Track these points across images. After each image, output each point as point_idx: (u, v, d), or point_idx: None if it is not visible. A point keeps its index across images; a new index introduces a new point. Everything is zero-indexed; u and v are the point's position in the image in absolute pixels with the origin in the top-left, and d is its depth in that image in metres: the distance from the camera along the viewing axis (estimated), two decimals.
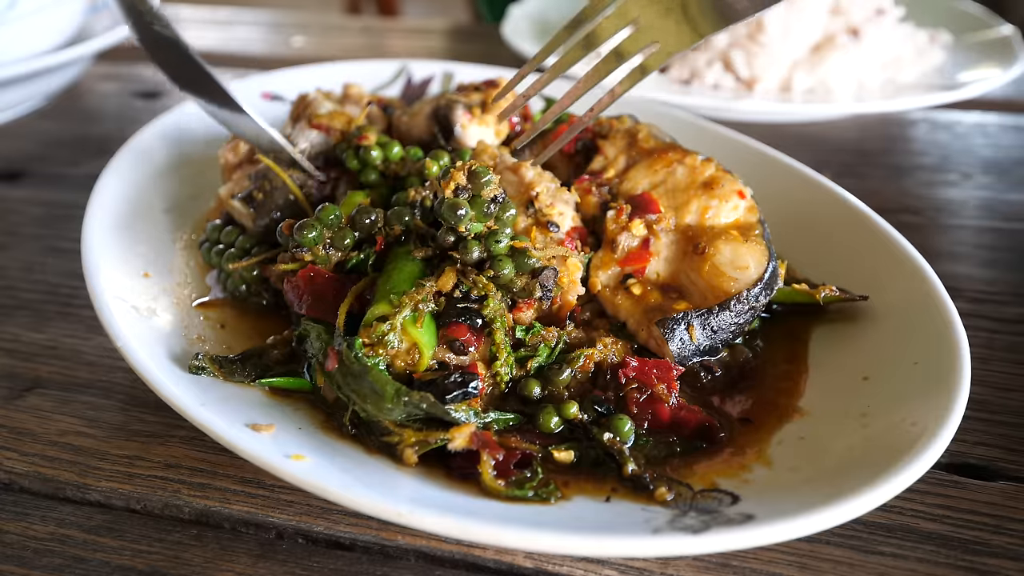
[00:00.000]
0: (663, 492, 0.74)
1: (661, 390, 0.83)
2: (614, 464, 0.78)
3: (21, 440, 0.91)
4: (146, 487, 0.84)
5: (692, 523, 0.68)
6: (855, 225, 1.04)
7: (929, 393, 0.78)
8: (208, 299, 1.01)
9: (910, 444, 0.71)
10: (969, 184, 1.48)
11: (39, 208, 1.38)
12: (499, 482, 0.75)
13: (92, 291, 0.88)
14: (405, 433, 0.78)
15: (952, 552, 0.78)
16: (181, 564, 0.77)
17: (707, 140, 1.24)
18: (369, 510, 0.66)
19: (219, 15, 2.46)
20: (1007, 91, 1.86)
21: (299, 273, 0.91)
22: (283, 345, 0.91)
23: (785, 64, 1.74)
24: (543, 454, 0.79)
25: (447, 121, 1.09)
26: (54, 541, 0.79)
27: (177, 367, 0.84)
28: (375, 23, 2.59)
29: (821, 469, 0.75)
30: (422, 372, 0.81)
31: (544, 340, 0.87)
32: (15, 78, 1.53)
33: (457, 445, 0.76)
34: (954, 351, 0.81)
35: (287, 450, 0.72)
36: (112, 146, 1.18)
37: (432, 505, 0.68)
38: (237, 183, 1.07)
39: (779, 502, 0.70)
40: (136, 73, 1.97)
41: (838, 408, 0.83)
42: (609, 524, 0.71)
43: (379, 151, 1.04)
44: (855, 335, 0.92)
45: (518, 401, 0.85)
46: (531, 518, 0.70)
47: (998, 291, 1.17)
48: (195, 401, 0.76)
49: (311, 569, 0.77)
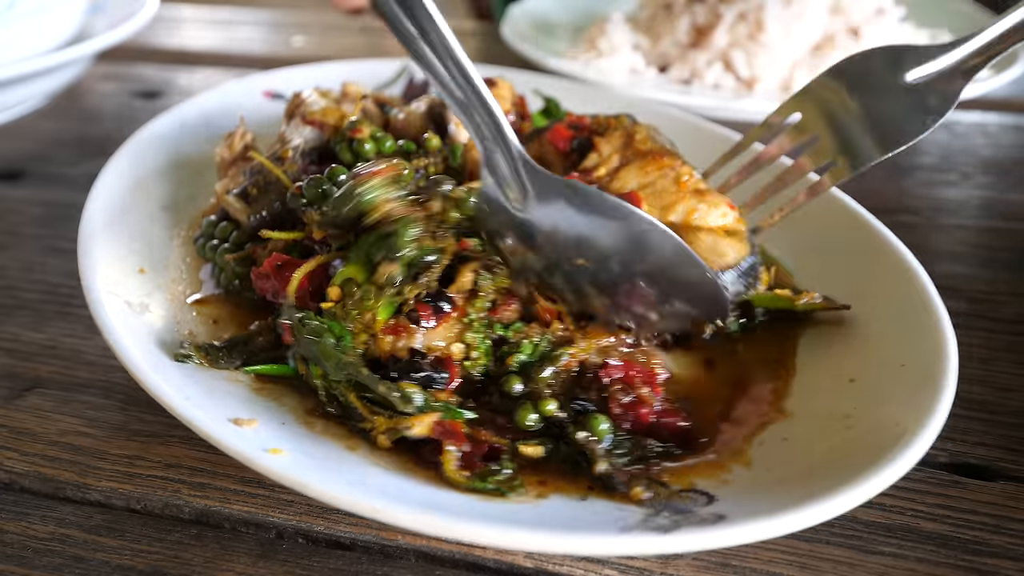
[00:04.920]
0: (639, 492, 0.74)
1: (644, 393, 0.83)
2: (586, 463, 0.78)
3: (21, 440, 0.91)
4: (146, 487, 0.84)
5: (663, 523, 0.68)
6: (848, 225, 1.03)
7: (914, 395, 0.77)
8: (202, 295, 1.01)
9: (890, 446, 0.71)
10: (969, 184, 1.48)
11: (39, 208, 1.38)
12: (462, 473, 0.75)
13: (85, 285, 0.89)
14: (377, 420, 0.79)
15: (952, 552, 0.78)
16: (181, 564, 0.77)
17: (704, 140, 1.25)
18: (345, 505, 0.66)
19: (219, 15, 2.46)
20: (1007, 91, 1.86)
21: (265, 263, 0.92)
22: (268, 332, 0.92)
23: (785, 64, 1.74)
24: (512, 448, 0.79)
25: (442, 120, 1.11)
26: (54, 541, 0.79)
27: (165, 361, 0.84)
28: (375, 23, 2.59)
29: (799, 470, 0.75)
30: (394, 351, 0.83)
31: (528, 337, 0.87)
32: (15, 78, 1.53)
33: (416, 433, 0.77)
34: (941, 353, 0.80)
35: (267, 444, 0.73)
36: (112, 146, 1.18)
37: (406, 501, 0.67)
38: (232, 179, 1.08)
39: (753, 503, 0.70)
40: (136, 73, 1.97)
41: (822, 410, 0.83)
42: (580, 522, 0.71)
43: (373, 144, 1.05)
44: (844, 337, 0.92)
45: (499, 396, 0.85)
46: (503, 515, 0.70)
47: (998, 291, 1.17)
48: (180, 395, 0.76)
49: (311, 569, 0.77)
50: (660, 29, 1.90)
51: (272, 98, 1.39)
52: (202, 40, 2.27)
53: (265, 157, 1.07)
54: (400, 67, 1.49)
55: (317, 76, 1.42)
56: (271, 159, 1.07)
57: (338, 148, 1.07)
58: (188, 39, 2.29)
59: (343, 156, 1.06)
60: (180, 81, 1.93)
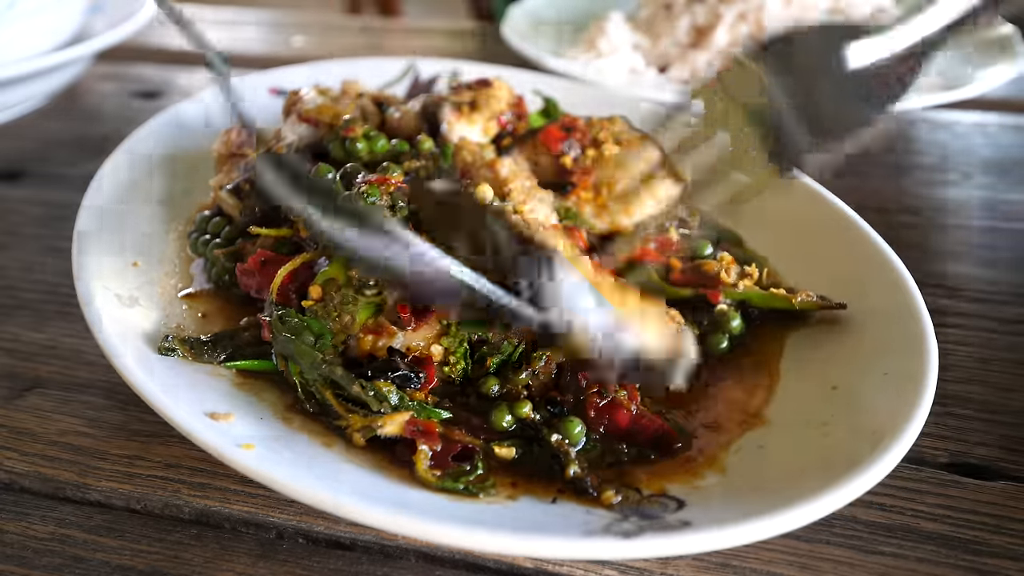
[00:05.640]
0: (609, 496, 0.74)
1: (622, 396, 0.83)
2: (558, 465, 0.78)
3: (21, 440, 0.91)
4: (146, 487, 0.84)
5: (628, 528, 0.67)
6: (839, 230, 1.03)
7: (893, 405, 0.76)
8: (193, 289, 1.01)
9: (865, 455, 0.70)
10: (969, 184, 1.48)
11: (39, 208, 1.38)
12: (433, 473, 0.75)
13: (76, 277, 0.89)
14: (352, 418, 0.80)
15: (952, 552, 0.78)
16: (181, 564, 0.77)
17: None
18: (310, 500, 0.66)
19: (220, 15, 2.46)
20: (1007, 91, 1.86)
21: (249, 260, 0.93)
22: (255, 328, 0.92)
23: None
24: (485, 449, 0.79)
25: (435, 119, 1.12)
26: (54, 541, 0.79)
27: (149, 354, 0.84)
28: (375, 23, 2.59)
29: (772, 478, 0.74)
30: (373, 351, 0.83)
31: (508, 339, 0.87)
32: (15, 78, 1.53)
33: (387, 431, 0.77)
34: (922, 363, 0.79)
35: (242, 439, 0.73)
36: (111, 146, 1.18)
37: (374, 499, 0.67)
38: (227, 174, 1.09)
39: (721, 510, 0.69)
40: (136, 73, 1.97)
41: (801, 418, 0.82)
42: (545, 525, 0.70)
43: (365, 143, 1.05)
44: (830, 344, 0.91)
45: (476, 397, 0.85)
46: (469, 516, 0.69)
47: (998, 291, 1.17)
48: (158, 387, 0.76)
49: (311, 569, 0.77)
50: (660, 29, 1.90)
51: (277, 95, 1.40)
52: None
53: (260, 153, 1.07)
54: (406, 65, 1.49)
55: (324, 73, 1.42)
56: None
57: (331, 146, 1.07)
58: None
59: (335, 154, 1.06)
60: (180, 81, 1.93)
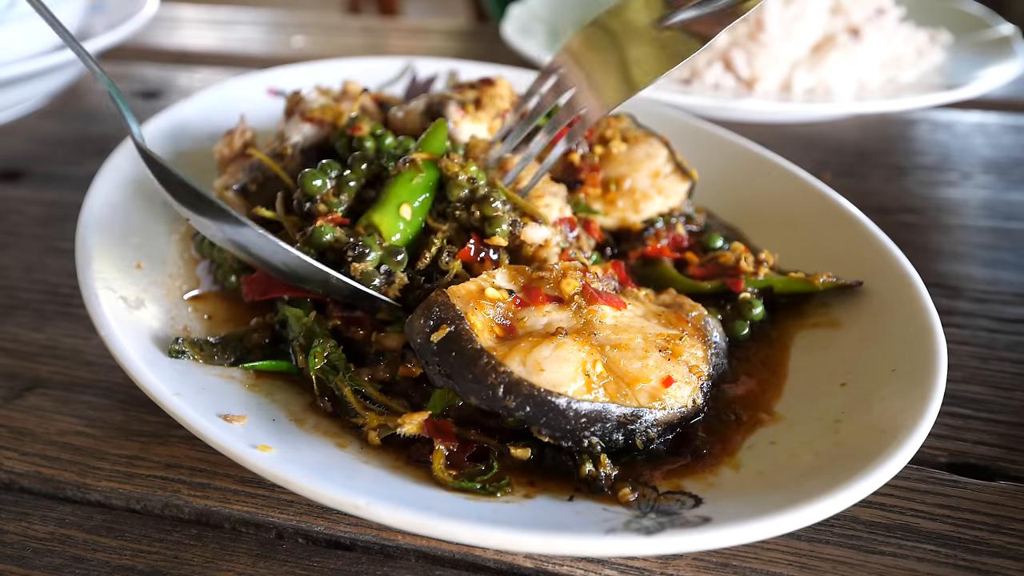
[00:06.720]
0: (626, 493, 0.74)
1: None
2: (572, 464, 0.78)
3: (21, 440, 0.91)
4: (146, 487, 0.84)
5: (648, 524, 0.68)
6: (846, 229, 1.03)
7: (903, 401, 0.77)
8: (199, 292, 1.01)
9: (877, 451, 0.70)
10: (969, 184, 1.48)
11: (39, 208, 1.38)
12: (450, 472, 0.75)
13: (81, 280, 0.89)
14: (369, 416, 0.80)
15: (952, 552, 0.78)
16: (181, 564, 0.77)
17: (701, 141, 1.24)
18: (328, 501, 0.66)
19: (219, 15, 2.46)
20: (1007, 91, 1.86)
21: (256, 273, 0.95)
22: (264, 329, 0.93)
23: (785, 64, 1.74)
24: (500, 449, 0.79)
25: (440, 116, 1.10)
26: (54, 541, 0.79)
27: (158, 356, 0.84)
28: (375, 23, 2.59)
29: (787, 474, 0.75)
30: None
31: None
32: (15, 78, 1.53)
33: (408, 430, 0.78)
34: (932, 359, 0.80)
35: (256, 440, 0.72)
36: (112, 146, 1.18)
37: (390, 498, 0.67)
38: (232, 176, 1.08)
39: (740, 506, 0.69)
40: (136, 73, 1.97)
41: (812, 414, 0.83)
42: (565, 523, 0.70)
43: (372, 141, 1.05)
44: (837, 341, 0.92)
45: None
46: (488, 515, 0.69)
47: (999, 291, 1.17)
48: (170, 390, 0.76)
49: (311, 569, 0.77)
50: None
51: (276, 95, 1.39)
52: (202, 40, 2.27)
53: (264, 154, 1.07)
54: (403, 66, 1.49)
55: (322, 73, 1.42)
56: (270, 156, 1.07)
57: (338, 144, 1.07)
58: (188, 39, 2.29)
59: (343, 152, 1.06)
60: (180, 81, 1.93)
